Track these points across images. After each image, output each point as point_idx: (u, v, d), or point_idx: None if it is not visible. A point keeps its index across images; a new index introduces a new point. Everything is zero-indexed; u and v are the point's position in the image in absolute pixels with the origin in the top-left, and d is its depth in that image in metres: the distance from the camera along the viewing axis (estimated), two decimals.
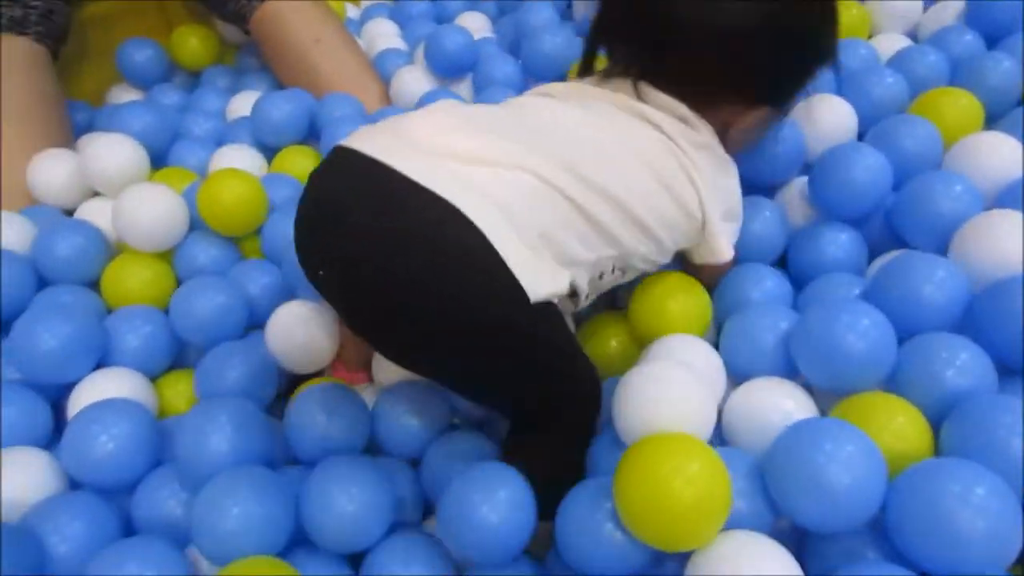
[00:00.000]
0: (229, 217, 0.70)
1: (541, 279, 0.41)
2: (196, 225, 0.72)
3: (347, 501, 0.47)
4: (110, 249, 0.71)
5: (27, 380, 0.60)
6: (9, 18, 0.82)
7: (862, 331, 0.50)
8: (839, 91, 0.75)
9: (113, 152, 0.75)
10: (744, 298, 0.61)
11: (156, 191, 0.69)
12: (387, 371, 0.62)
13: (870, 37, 0.86)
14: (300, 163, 0.83)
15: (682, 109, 0.53)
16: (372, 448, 0.58)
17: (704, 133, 0.54)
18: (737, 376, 0.56)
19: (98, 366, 0.62)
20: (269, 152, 0.87)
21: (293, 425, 0.55)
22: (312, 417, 0.54)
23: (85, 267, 0.68)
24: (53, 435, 0.60)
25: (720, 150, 0.55)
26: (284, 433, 0.56)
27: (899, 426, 0.47)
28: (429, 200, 0.39)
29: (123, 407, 0.55)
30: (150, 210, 0.68)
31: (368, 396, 0.60)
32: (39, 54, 0.86)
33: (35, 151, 0.79)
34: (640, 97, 0.53)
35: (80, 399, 0.59)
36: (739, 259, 0.65)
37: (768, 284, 0.61)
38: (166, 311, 0.66)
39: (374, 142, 0.43)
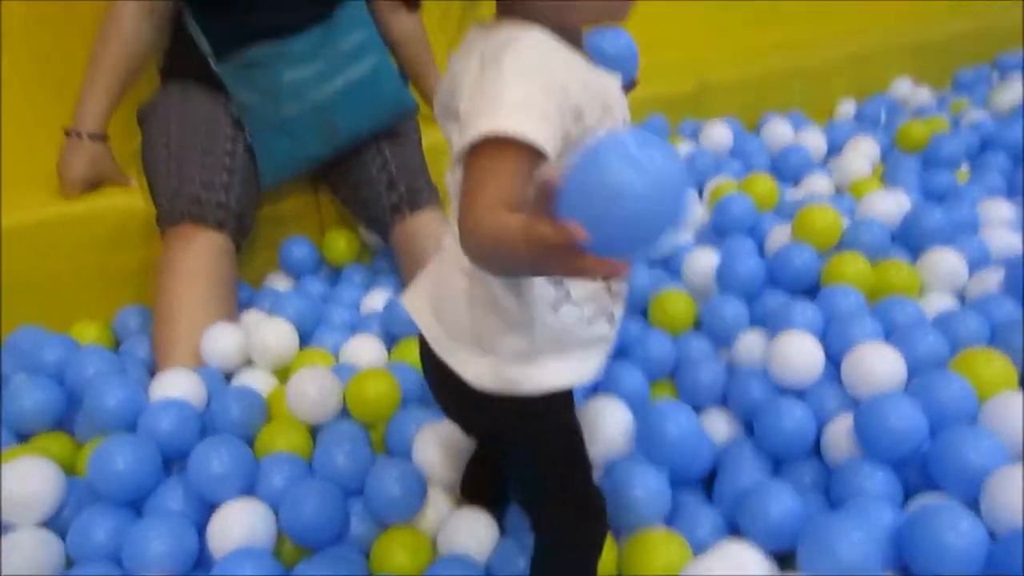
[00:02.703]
0: (369, 407, 0.85)
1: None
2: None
3: None
4: (266, 413, 0.87)
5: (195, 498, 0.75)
6: (214, 219, 1.06)
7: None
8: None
9: (274, 332, 0.93)
10: None
11: (324, 376, 0.85)
12: None
13: (919, 295, 0.97)
14: (416, 354, 0.98)
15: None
16: None
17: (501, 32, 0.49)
18: None
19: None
20: (392, 341, 1.03)
21: None
22: None
23: (247, 426, 0.83)
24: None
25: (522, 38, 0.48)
26: None
27: None
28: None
29: (260, 558, 0.69)
30: (316, 390, 0.83)
31: None
32: (228, 247, 1.08)
33: (211, 323, 0.98)
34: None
35: (223, 520, 0.72)
36: None
37: None
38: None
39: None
